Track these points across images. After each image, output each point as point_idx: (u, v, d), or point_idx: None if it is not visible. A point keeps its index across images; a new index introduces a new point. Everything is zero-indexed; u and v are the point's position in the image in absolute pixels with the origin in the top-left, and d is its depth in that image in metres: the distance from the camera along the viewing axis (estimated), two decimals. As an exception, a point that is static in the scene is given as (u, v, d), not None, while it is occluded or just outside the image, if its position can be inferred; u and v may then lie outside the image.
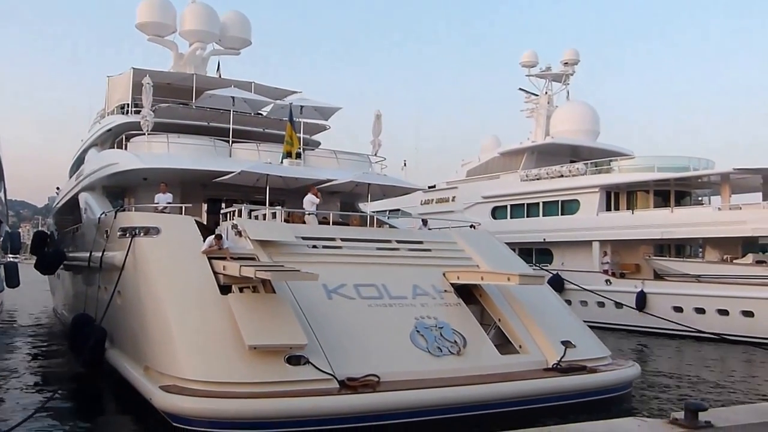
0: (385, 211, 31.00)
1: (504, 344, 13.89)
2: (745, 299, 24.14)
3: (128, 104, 22.94)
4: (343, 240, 15.57)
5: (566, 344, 13.71)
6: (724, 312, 24.64)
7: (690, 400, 8.91)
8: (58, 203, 30.06)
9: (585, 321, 16.54)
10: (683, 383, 16.50)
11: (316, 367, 11.10)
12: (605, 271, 29.48)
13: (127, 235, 14.46)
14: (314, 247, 14.95)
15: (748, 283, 24.62)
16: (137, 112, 20.93)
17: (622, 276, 29.42)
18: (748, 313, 24.06)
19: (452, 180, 39.47)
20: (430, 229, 19.10)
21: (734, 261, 27.12)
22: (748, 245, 28.47)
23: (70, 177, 27.12)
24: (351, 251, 15.18)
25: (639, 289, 27.19)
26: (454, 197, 37.79)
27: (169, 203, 17.06)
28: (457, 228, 19.20)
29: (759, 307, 23.77)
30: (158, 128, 19.95)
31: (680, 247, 31.49)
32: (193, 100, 22.58)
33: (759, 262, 26.61)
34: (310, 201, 17.64)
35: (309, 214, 17.46)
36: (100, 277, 16.40)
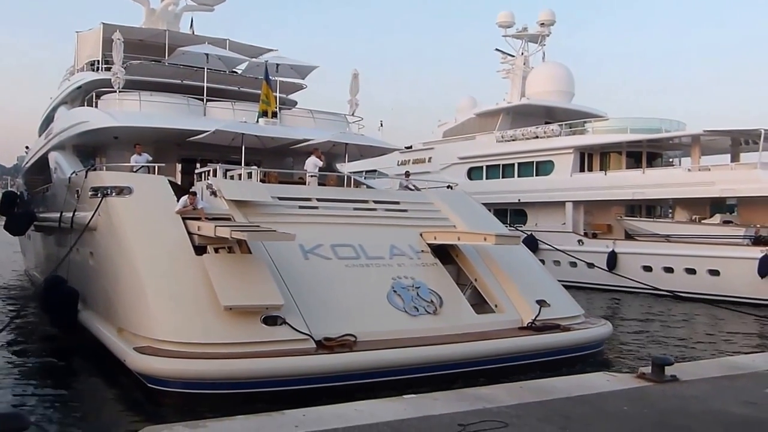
0: (362, 171, 30.97)
1: (480, 304, 14.07)
2: (712, 258, 24.80)
3: (98, 61, 22.32)
4: (319, 200, 15.48)
5: (541, 303, 13.93)
6: (691, 271, 25.31)
7: (657, 355, 9.24)
8: (27, 163, 29.41)
9: (558, 280, 16.84)
10: (651, 340, 17.01)
11: (293, 328, 11.11)
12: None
13: (99, 194, 14.19)
14: (280, 203, 14.81)
15: (715, 243, 25.28)
16: (108, 69, 20.41)
17: (594, 236, 29.97)
18: (714, 272, 24.74)
19: (429, 141, 39.49)
20: (413, 187, 18.94)
21: (702, 221, 27.75)
22: (716, 206, 29.14)
23: (40, 135, 26.50)
24: (328, 211, 15.11)
25: (610, 249, 27.76)
26: (430, 158, 37.87)
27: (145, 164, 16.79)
28: (434, 189, 19.24)
29: (724, 266, 24.46)
30: (130, 86, 19.47)
31: (651, 208, 32.10)
32: (166, 57, 22.07)
33: (726, 222, 27.32)
34: (312, 163, 17.55)
35: (312, 176, 17.41)
36: (72, 238, 16.21)
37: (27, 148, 31.09)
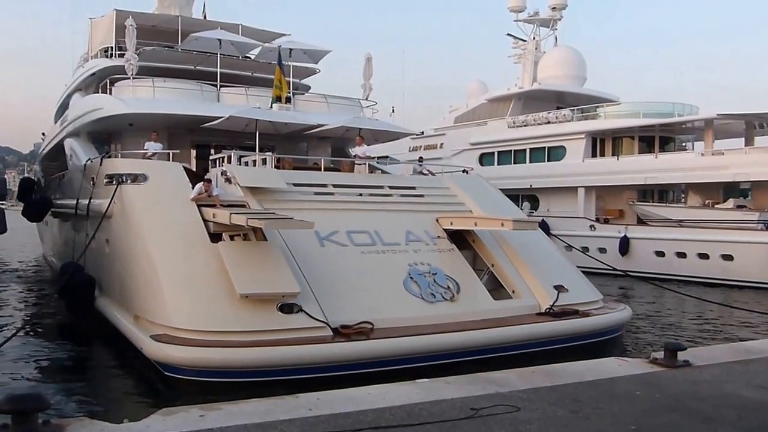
0: (374, 157, 31.02)
1: (497, 289, 14.01)
2: (725, 243, 24.71)
3: (112, 47, 22.39)
4: (334, 186, 15.43)
5: (559, 289, 13.85)
6: (704, 256, 25.22)
7: (669, 340, 9.27)
8: (43, 149, 29.64)
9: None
10: (664, 325, 17.00)
11: (309, 315, 11.11)
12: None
13: (114, 182, 14.29)
14: (294, 189, 14.80)
15: (728, 228, 25.17)
16: (121, 56, 20.43)
17: (606, 221, 29.91)
18: (727, 257, 24.65)
19: (440, 127, 39.38)
20: (427, 172, 18.89)
21: (715, 206, 27.61)
22: (729, 190, 28.96)
23: (55, 122, 26.66)
24: (343, 197, 15.07)
25: (622, 234, 27.71)
26: (441, 144, 37.82)
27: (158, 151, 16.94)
28: (449, 173, 19.14)
29: (738, 250, 24.37)
30: (143, 72, 19.49)
31: (663, 193, 31.96)
32: (179, 43, 22.08)
33: (739, 207, 27.16)
34: (360, 150, 17.82)
35: (359, 164, 17.58)
36: (88, 224, 16.36)
37: (43, 134, 31.32)
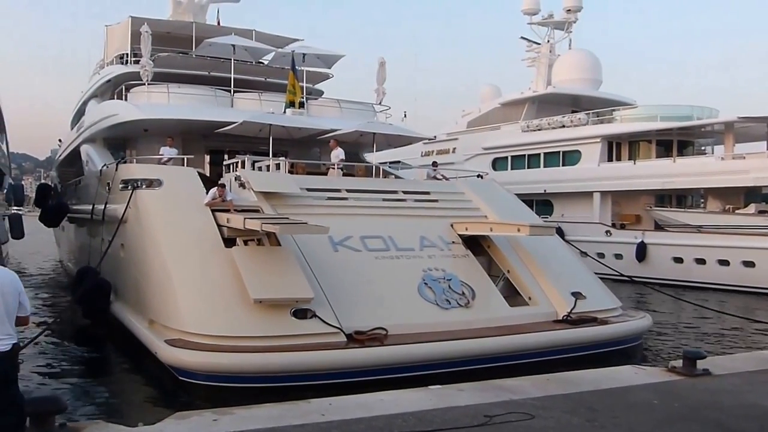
0: (385, 162, 31.06)
1: (513, 296, 13.83)
2: (747, 249, 24.31)
3: (127, 54, 22.63)
4: (348, 191, 15.38)
5: (576, 296, 13.61)
6: (724, 262, 24.85)
7: (688, 349, 9.11)
8: (60, 155, 29.99)
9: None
10: (683, 332, 16.75)
11: (323, 321, 11.06)
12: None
13: (129, 187, 14.35)
14: (308, 194, 14.73)
15: (750, 234, 24.76)
16: (136, 62, 20.60)
17: (623, 227, 29.59)
18: (749, 264, 24.26)
19: (453, 131, 39.22)
20: (441, 177, 18.68)
21: (736, 211, 27.19)
22: (751, 195, 28.50)
23: (72, 128, 26.97)
24: (357, 202, 15.01)
25: (639, 240, 27.39)
26: (454, 149, 37.63)
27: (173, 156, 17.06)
28: (464, 178, 19.00)
29: (760, 257, 23.97)
30: (158, 78, 19.64)
31: (682, 198, 31.58)
32: (193, 49, 22.23)
33: (761, 212, 26.68)
34: (335, 154, 17.66)
35: (333, 168, 17.44)
36: (104, 229, 16.47)
37: (60, 141, 31.69)
